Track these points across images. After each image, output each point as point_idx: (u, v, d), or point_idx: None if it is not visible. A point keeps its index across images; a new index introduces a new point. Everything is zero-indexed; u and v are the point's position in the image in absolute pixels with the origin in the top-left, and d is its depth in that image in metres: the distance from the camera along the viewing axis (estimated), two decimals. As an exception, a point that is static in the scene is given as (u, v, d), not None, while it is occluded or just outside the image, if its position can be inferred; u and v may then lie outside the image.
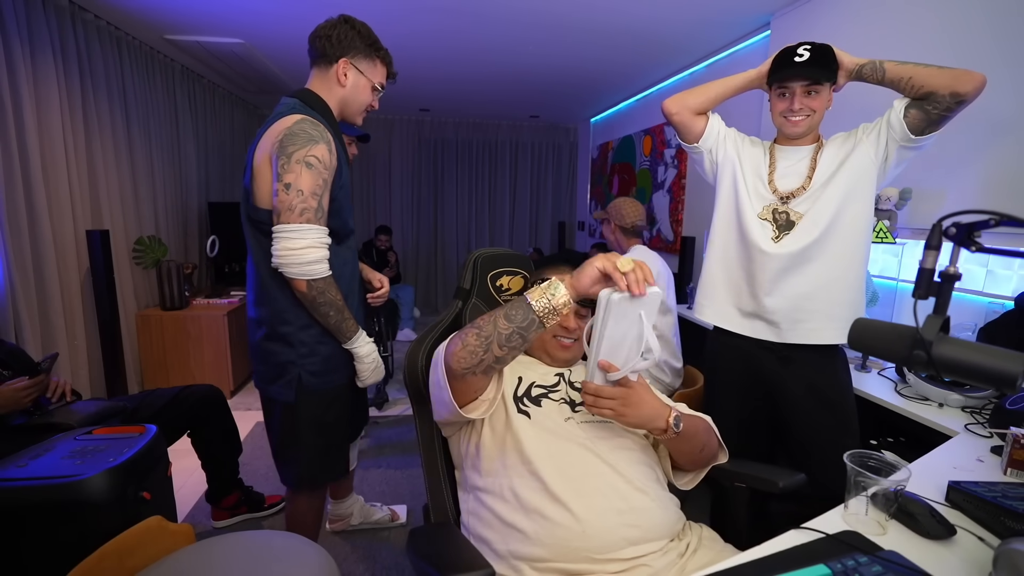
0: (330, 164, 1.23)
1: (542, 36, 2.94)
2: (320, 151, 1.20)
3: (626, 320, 0.87)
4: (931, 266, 0.72)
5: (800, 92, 1.33)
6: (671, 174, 3.71)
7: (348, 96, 1.35)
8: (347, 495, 1.94)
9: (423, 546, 0.88)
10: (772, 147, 1.48)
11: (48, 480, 1.18)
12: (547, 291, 0.86)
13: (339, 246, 1.34)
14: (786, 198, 1.40)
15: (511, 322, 0.87)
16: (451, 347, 0.93)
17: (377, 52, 1.36)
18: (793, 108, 1.35)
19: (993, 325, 1.52)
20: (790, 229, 1.39)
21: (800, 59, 1.30)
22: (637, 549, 0.89)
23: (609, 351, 0.90)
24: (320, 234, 1.21)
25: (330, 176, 1.24)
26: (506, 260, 1.39)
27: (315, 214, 1.20)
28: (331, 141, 1.24)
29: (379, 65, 1.38)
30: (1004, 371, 0.64)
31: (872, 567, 0.71)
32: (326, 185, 1.22)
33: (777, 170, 1.44)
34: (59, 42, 2.45)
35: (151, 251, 3.13)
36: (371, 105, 1.42)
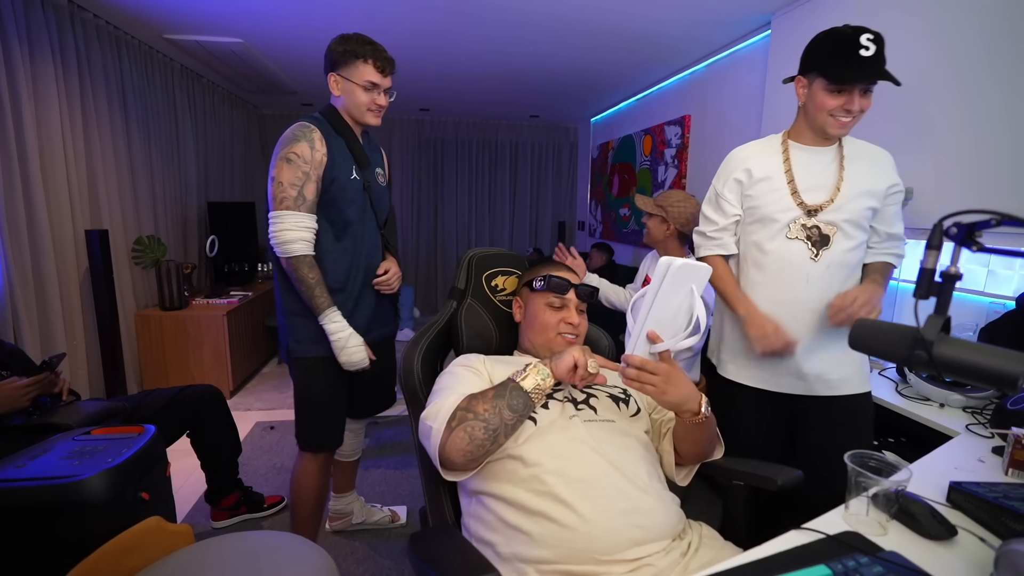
0: (312, 159, 1.41)
1: (542, 36, 2.94)
2: (300, 148, 1.40)
3: (679, 292, 0.89)
4: (932, 266, 0.72)
5: (859, 91, 1.18)
6: (671, 174, 3.71)
7: (346, 102, 1.51)
8: (347, 491, 1.95)
9: (426, 550, 0.87)
10: (787, 149, 1.33)
11: (47, 480, 1.18)
12: (537, 375, 0.96)
13: (338, 241, 1.51)
14: (813, 211, 1.28)
15: (515, 411, 0.93)
16: (456, 442, 0.91)
17: (355, 56, 1.45)
18: (851, 109, 1.19)
19: (994, 325, 1.52)
20: (827, 243, 1.28)
21: (867, 52, 1.13)
22: (642, 549, 0.89)
23: (657, 323, 0.90)
24: (298, 218, 1.40)
25: (313, 169, 1.41)
26: (501, 260, 1.38)
27: (294, 201, 1.40)
28: (316, 139, 1.42)
29: (361, 65, 1.45)
30: (1005, 371, 0.63)
31: (873, 568, 0.70)
32: (307, 177, 1.41)
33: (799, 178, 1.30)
34: (58, 41, 2.45)
35: (150, 251, 3.13)
36: (374, 103, 1.50)
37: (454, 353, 1.32)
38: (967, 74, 1.67)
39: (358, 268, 1.55)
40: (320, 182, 1.44)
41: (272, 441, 2.72)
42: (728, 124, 3.07)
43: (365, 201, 1.55)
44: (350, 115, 1.53)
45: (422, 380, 1.20)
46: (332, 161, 1.45)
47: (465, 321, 1.29)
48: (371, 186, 1.56)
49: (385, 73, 1.49)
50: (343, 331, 1.46)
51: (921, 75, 1.79)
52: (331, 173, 1.45)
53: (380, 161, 1.68)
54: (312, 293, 1.43)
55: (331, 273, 1.49)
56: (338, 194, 1.46)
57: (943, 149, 1.74)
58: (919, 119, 1.82)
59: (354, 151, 1.52)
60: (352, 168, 1.50)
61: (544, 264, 1.26)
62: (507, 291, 1.36)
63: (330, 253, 1.49)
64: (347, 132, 1.52)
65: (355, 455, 1.90)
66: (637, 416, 1.11)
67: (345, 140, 1.50)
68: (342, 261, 1.51)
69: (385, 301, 1.68)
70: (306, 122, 1.45)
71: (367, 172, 1.55)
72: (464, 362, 1.14)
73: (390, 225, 1.70)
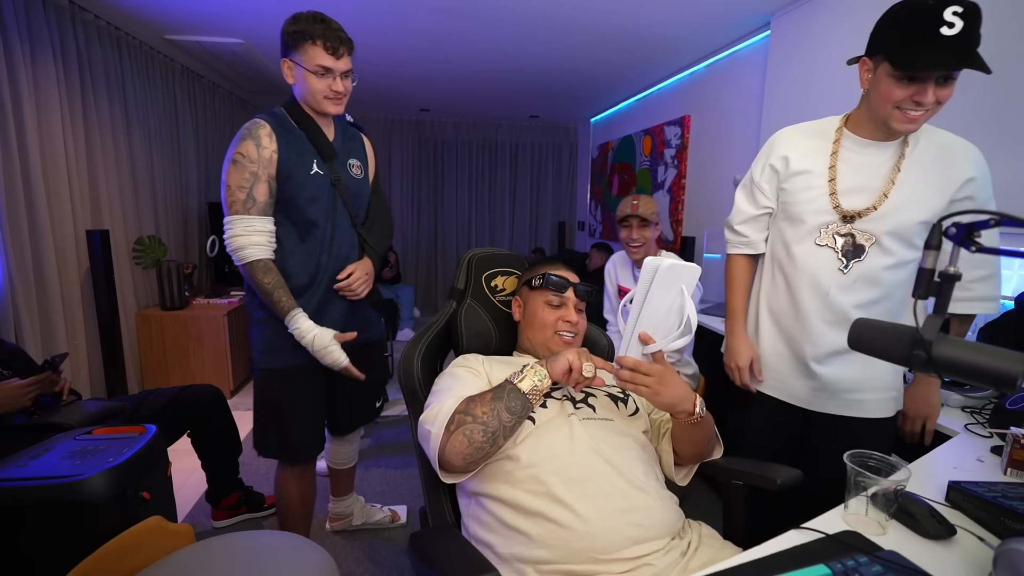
0: (259, 157, 1.33)
1: (542, 36, 2.94)
2: (245, 147, 1.32)
3: (670, 292, 0.89)
4: (931, 266, 0.72)
5: (935, 80, 0.97)
6: (671, 174, 3.71)
7: (300, 90, 1.40)
8: (346, 493, 1.93)
9: (426, 550, 0.87)
10: (840, 139, 1.15)
11: (48, 480, 1.18)
12: (534, 376, 0.95)
13: (302, 242, 1.42)
14: (851, 217, 1.13)
15: (513, 414, 0.93)
16: (456, 445, 0.91)
17: (304, 37, 1.32)
18: (923, 101, 0.98)
19: (993, 325, 1.52)
20: (860, 255, 1.13)
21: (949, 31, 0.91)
22: (641, 548, 0.89)
23: (649, 323, 0.91)
24: (247, 223, 1.33)
25: (262, 168, 1.33)
26: (501, 260, 1.38)
27: (243, 205, 1.33)
28: (262, 136, 1.33)
29: (310, 48, 1.32)
30: (1004, 371, 0.63)
31: (872, 567, 0.71)
32: (256, 177, 1.33)
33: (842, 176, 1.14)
34: (59, 42, 2.45)
35: (151, 251, 3.13)
36: (331, 90, 1.37)
37: (454, 353, 1.32)
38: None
39: (325, 271, 1.44)
40: (273, 181, 1.35)
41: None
42: (728, 124, 3.07)
43: (333, 198, 1.44)
44: (307, 104, 1.41)
45: (422, 380, 1.20)
46: (285, 157, 1.35)
47: (465, 321, 1.30)
48: (342, 181, 1.45)
49: (339, 55, 1.34)
50: (310, 331, 1.37)
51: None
52: (285, 170, 1.35)
53: (358, 152, 1.55)
54: (272, 298, 1.35)
55: (294, 276, 1.40)
56: (295, 192, 1.37)
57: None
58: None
59: (318, 143, 1.41)
60: (312, 163, 1.40)
61: (543, 263, 1.26)
62: (507, 291, 1.36)
63: (293, 255, 1.40)
64: (308, 124, 1.41)
65: (350, 463, 1.87)
66: (636, 415, 1.11)
67: (307, 133, 1.41)
68: (306, 264, 1.42)
69: (364, 305, 1.56)
70: (258, 117, 1.36)
71: (335, 165, 1.44)
72: (463, 363, 1.14)
73: (375, 224, 1.58)
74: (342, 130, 1.53)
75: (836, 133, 1.17)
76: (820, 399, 1.25)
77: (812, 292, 1.19)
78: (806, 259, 1.19)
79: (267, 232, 1.36)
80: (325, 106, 1.39)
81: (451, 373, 1.11)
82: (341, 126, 1.53)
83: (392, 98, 4.71)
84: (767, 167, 1.26)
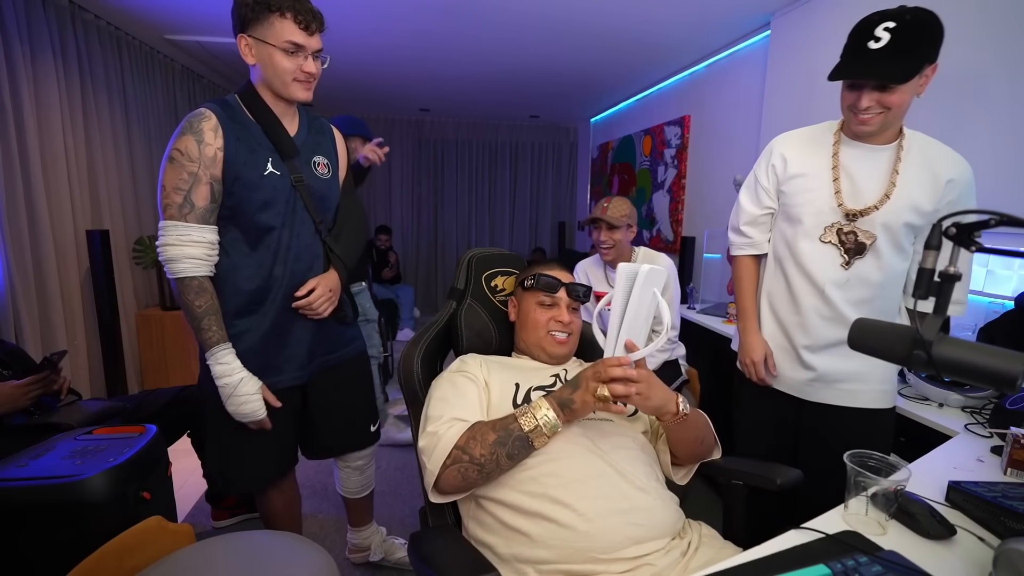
0: (199, 155, 1.15)
1: (542, 36, 2.94)
2: (184, 143, 1.15)
3: (646, 298, 0.90)
4: (931, 266, 0.72)
5: (870, 87, 1.08)
6: (671, 174, 3.71)
7: (264, 73, 1.21)
8: (363, 524, 1.76)
9: (425, 550, 0.87)
10: (839, 142, 1.21)
11: (48, 480, 1.18)
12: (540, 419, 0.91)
13: (253, 246, 1.24)
14: (854, 215, 1.18)
15: (513, 459, 0.92)
16: (449, 479, 0.92)
17: (268, 8, 1.14)
18: (858, 106, 1.10)
19: (993, 325, 1.52)
20: (862, 252, 1.19)
21: (875, 44, 1.03)
22: (641, 548, 0.89)
23: (630, 329, 0.91)
24: (182, 231, 1.15)
25: (204, 168, 1.15)
26: (500, 260, 1.38)
27: (179, 210, 1.15)
28: (206, 131, 1.15)
29: (277, 21, 1.15)
30: (1004, 371, 0.63)
31: (872, 567, 0.71)
32: (195, 178, 1.15)
33: (845, 177, 1.20)
34: (59, 42, 2.45)
35: (151, 251, 3.12)
36: (302, 71, 1.20)
37: (454, 353, 1.32)
38: (964, 75, 1.67)
39: (280, 285, 1.26)
40: (218, 183, 1.18)
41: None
42: (728, 124, 3.07)
43: (293, 201, 1.26)
44: (271, 89, 1.22)
45: (422, 380, 1.20)
46: (233, 155, 1.18)
47: (465, 321, 1.30)
48: (304, 182, 1.27)
49: (311, 30, 1.18)
50: (231, 375, 1.20)
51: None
52: (232, 170, 1.17)
53: (326, 148, 1.36)
54: (198, 325, 1.18)
55: (243, 292, 1.23)
56: (244, 195, 1.19)
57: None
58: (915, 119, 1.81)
59: (276, 138, 1.23)
60: (267, 161, 1.22)
61: (537, 264, 1.26)
62: (507, 291, 1.36)
63: (242, 268, 1.23)
64: (266, 115, 1.23)
65: (363, 492, 1.68)
66: (635, 416, 1.12)
67: (264, 125, 1.23)
68: (256, 277, 1.24)
69: (331, 321, 1.38)
70: (204, 107, 1.18)
71: (297, 163, 1.26)
72: (461, 368, 1.13)
73: (344, 231, 1.40)
74: (308, 122, 1.35)
75: (835, 136, 1.23)
76: (815, 388, 1.30)
77: (811, 288, 1.25)
78: (809, 256, 1.24)
79: (205, 243, 1.18)
80: (293, 90, 1.21)
81: (450, 380, 1.09)
82: (308, 117, 1.35)
83: (392, 98, 4.71)
84: (769, 168, 1.32)
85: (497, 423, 0.93)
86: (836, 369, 1.26)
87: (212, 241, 1.20)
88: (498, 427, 0.92)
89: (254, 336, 1.26)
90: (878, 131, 1.15)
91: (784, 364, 1.33)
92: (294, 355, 1.33)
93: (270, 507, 1.51)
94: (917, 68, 1.04)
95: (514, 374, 1.12)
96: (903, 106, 1.10)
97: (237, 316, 1.25)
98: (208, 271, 1.20)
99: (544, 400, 0.93)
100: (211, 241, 1.20)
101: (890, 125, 1.14)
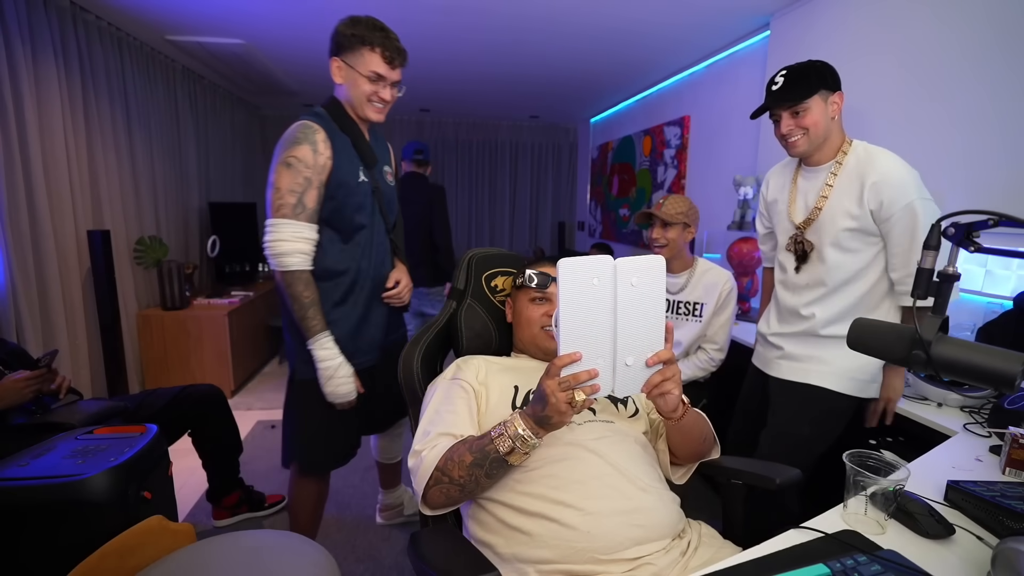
0: (314, 163, 1.30)
1: (542, 36, 2.94)
2: (301, 151, 1.29)
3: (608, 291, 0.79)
4: (930, 266, 0.73)
5: (787, 115, 1.33)
6: (671, 174, 3.71)
7: (348, 93, 1.39)
8: (395, 485, 1.99)
9: (425, 550, 0.87)
10: (799, 167, 1.46)
11: (49, 479, 1.18)
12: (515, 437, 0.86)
13: (346, 244, 1.41)
14: (801, 228, 1.40)
15: (492, 478, 0.92)
16: (433, 498, 0.94)
17: (362, 42, 1.32)
18: (782, 131, 1.36)
19: (992, 325, 1.52)
20: (805, 260, 1.40)
21: (776, 86, 1.33)
22: (641, 549, 0.89)
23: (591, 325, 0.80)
24: (295, 228, 1.30)
25: (316, 174, 1.31)
26: (500, 260, 1.39)
27: (292, 210, 1.29)
28: (319, 141, 1.31)
29: (367, 54, 1.33)
30: (1003, 371, 0.64)
31: (871, 566, 0.71)
32: (308, 183, 1.30)
33: (796, 195, 1.44)
34: (60, 43, 2.45)
35: (152, 251, 3.13)
36: (377, 95, 1.38)
37: (454, 353, 1.32)
38: (963, 76, 1.68)
39: (367, 277, 1.46)
40: (323, 188, 1.34)
41: (273, 440, 2.72)
42: (727, 125, 3.07)
43: (374, 205, 1.45)
44: (351, 107, 1.41)
45: (421, 380, 1.21)
46: (338, 164, 1.35)
47: (465, 321, 1.30)
48: (380, 188, 1.46)
49: (394, 65, 1.36)
50: (333, 359, 1.36)
51: (916, 75, 1.80)
52: (337, 178, 1.35)
53: (388, 158, 1.57)
54: (304, 314, 1.32)
55: (340, 284, 1.41)
56: (345, 200, 1.37)
57: (942, 150, 1.75)
58: (914, 120, 1.82)
59: (360, 149, 1.41)
60: (359, 170, 1.40)
61: (531, 262, 1.26)
62: (506, 292, 1.36)
63: (339, 262, 1.40)
64: (352, 129, 1.41)
65: (398, 457, 1.92)
66: (636, 416, 1.12)
67: (351, 138, 1.40)
68: (350, 270, 1.42)
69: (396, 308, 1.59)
70: (309, 120, 1.33)
71: (375, 172, 1.45)
72: (457, 375, 1.12)
73: (398, 229, 1.61)
74: (374, 136, 1.53)
75: (796, 165, 1.47)
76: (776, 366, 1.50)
77: (781, 290, 1.51)
78: (780, 264, 1.51)
79: (312, 241, 1.34)
80: (368, 111, 1.39)
81: (443, 389, 1.09)
82: (373, 131, 1.53)
83: (392, 98, 4.71)
84: (761, 196, 1.62)
85: (475, 444, 0.91)
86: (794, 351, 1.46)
87: (316, 239, 1.35)
88: (475, 448, 0.90)
89: (348, 323, 1.43)
90: (809, 150, 1.35)
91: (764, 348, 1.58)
92: (374, 338, 1.51)
93: (306, 496, 1.57)
94: (809, 92, 1.28)
95: (514, 376, 1.12)
96: (820, 125, 1.31)
97: (334, 306, 1.41)
98: (311, 265, 1.35)
99: (519, 419, 0.87)
100: (315, 239, 1.35)
101: (817, 144, 1.34)
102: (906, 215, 1.22)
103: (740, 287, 2.53)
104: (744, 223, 2.64)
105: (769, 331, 1.54)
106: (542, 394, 0.82)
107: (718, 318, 1.90)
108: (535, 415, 0.85)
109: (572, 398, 0.80)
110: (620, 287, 0.78)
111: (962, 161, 1.69)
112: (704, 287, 1.91)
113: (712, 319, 1.90)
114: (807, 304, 1.41)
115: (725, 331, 1.91)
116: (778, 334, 1.50)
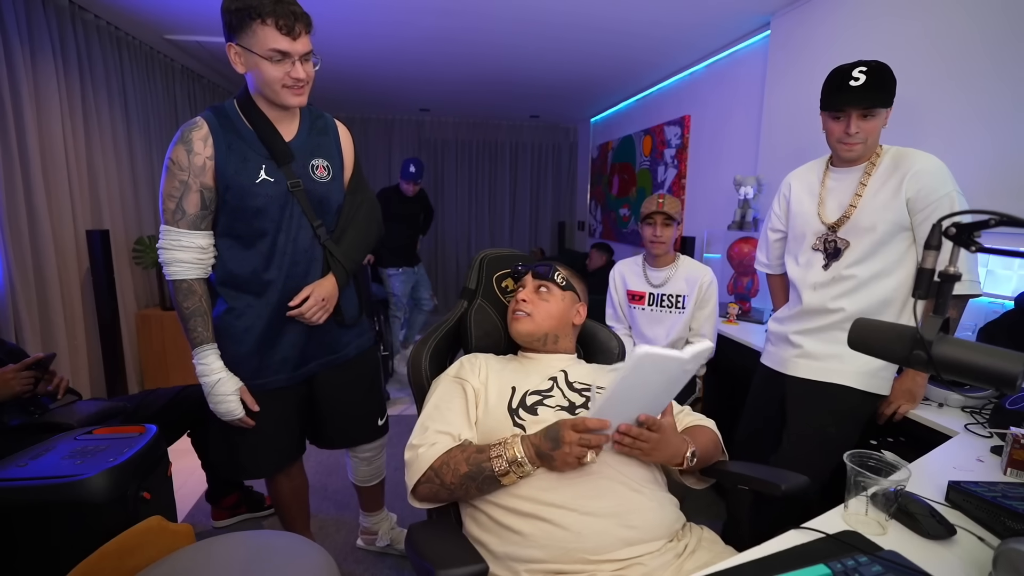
0: (189, 164, 1.18)
1: (542, 36, 2.94)
2: (176, 153, 1.19)
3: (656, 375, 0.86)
4: (931, 266, 0.72)
5: (856, 116, 1.29)
6: (671, 174, 3.71)
7: (255, 80, 1.20)
8: (373, 510, 1.82)
9: (420, 541, 0.89)
10: (827, 169, 1.46)
11: (48, 480, 1.18)
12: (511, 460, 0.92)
13: (247, 251, 1.27)
14: (833, 227, 1.40)
15: (483, 492, 0.96)
16: (422, 493, 0.99)
17: (250, 15, 1.11)
18: (849, 132, 1.30)
19: (993, 325, 1.52)
20: (838, 256, 1.40)
21: (856, 83, 1.26)
22: (633, 550, 0.89)
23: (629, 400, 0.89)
24: (174, 236, 1.22)
25: (193, 176, 1.19)
26: (512, 261, 1.39)
27: (172, 216, 1.21)
28: (195, 140, 1.18)
29: (259, 29, 1.12)
30: (1004, 371, 0.63)
31: (872, 567, 0.71)
32: (185, 186, 1.20)
33: (827, 196, 1.43)
34: (59, 42, 2.45)
35: (151, 251, 3.12)
36: (288, 76, 1.17)
37: (463, 352, 1.33)
38: (963, 77, 1.67)
39: (274, 290, 1.29)
40: (209, 191, 1.21)
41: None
42: (728, 124, 3.07)
43: (290, 206, 1.26)
44: (265, 97, 1.22)
45: (430, 379, 1.22)
46: (223, 164, 1.20)
47: (475, 321, 1.30)
48: (301, 187, 1.27)
49: (295, 34, 1.13)
50: (210, 375, 1.26)
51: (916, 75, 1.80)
52: (223, 179, 1.20)
53: (327, 150, 1.34)
54: (186, 324, 1.25)
55: (241, 295, 1.28)
56: (237, 203, 1.22)
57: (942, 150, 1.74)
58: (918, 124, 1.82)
59: (270, 144, 1.24)
60: (260, 168, 1.22)
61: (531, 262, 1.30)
62: None
63: (239, 271, 1.27)
64: (260, 122, 1.23)
65: (371, 481, 1.73)
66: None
67: (258, 132, 1.23)
68: (252, 283, 1.28)
69: (330, 323, 1.38)
70: (200, 115, 1.21)
71: (293, 168, 1.26)
72: (458, 372, 1.15)
73: (347, 233, 1.38)
74: (310, 123, 1.33)
75: (824, 167, 1.48)
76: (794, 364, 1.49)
77: (802, 288, 1.49)
78: (804, 261, 1.49)
79: (195, 248, 1.23)
80: (284, 97, 1.19)
81: (445, 386, 1.13)
82: (311, 117, 1.34)
83: (392, 98, 4.71)
84: (781, 196, 1.60)
85: (472, 456, 0.94)
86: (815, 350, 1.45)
87: (202, 246, 1.25)
88: (472, 461, 0.94)
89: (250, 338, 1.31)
90: (861, 156, 1.36)
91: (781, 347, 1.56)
92: (287, 358, 1.37)
93: (279, 492, 1.59)
94: (889, 101, 1.28)
95: (512, 377, 1.13)
96: (876, 132, 1.32)
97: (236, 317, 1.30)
98: (199, 274, 1.26)
99: (520, 445, 0.92)
100: (201, 246, 1.25)
101: (869, 151, 1.36)
102: (946, 203, 1.25)
103: (740, 287, 2.53)
104: (744, 223, 2.64)
105: (786, 330, 1.53)
106: (558, 440, 0.89)
107: (702, 311, 1.99)
108: (540, 450, 0.91)
109: (584, 455, 0.88)
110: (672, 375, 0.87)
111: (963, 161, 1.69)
112: (686, 280, 2.01)
113: (696, 312, 1.99)
114: (836, 297, 1.40)
115: (711, 324, 2.01)
116: (798, 332, 1.49)
